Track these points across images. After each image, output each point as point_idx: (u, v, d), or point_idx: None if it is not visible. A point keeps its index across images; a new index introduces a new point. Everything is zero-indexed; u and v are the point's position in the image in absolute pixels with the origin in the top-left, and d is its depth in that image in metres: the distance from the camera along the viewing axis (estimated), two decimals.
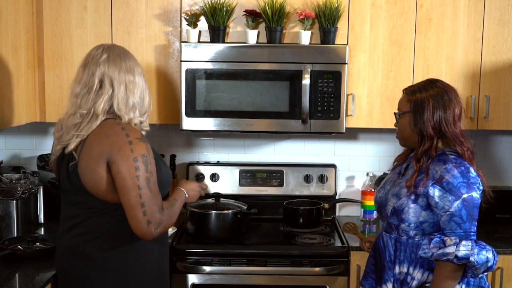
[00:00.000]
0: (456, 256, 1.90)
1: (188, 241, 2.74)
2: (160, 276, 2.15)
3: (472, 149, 2.04)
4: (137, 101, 2.03)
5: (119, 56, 2.03)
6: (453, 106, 2.02)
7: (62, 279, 2.11)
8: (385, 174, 3.20)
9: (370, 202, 3.09)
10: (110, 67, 2.00)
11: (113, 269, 2.00)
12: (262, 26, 2.83)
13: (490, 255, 1.92)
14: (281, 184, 3.20)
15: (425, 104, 2.02)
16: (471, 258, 1.89)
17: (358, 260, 2.65)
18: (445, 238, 1.94)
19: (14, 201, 2.60)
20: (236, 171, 3.20)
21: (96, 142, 1.93)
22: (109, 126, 1.95)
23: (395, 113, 2.16)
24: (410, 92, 2.09)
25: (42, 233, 2.80)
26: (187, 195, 2.19)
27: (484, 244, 1.95)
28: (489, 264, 1.93)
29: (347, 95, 2.85)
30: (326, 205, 3.05)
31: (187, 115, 2.80)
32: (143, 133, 2.06)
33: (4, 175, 2.78)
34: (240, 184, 3.19)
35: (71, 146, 1.97)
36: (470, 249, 1.90)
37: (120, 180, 1.89)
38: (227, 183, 3.19)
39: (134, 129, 1.98)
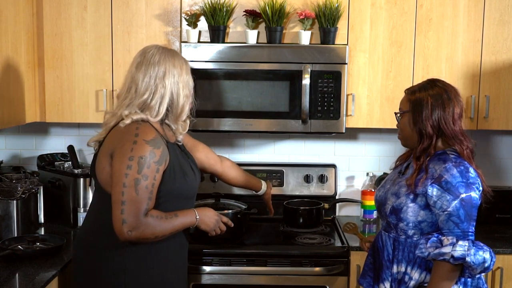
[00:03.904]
0: (452, 256, 1.89)
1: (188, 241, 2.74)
2: (175, 277, 2.15)
3: (472, 148, 2.04)
4: (162, 105, 2.05)
5: (150, 60, 2.05)
6: (452, 105, 2.02)
7: (75, 267, 2.15)
8: (385, 174, 3.20)
9: (370, 202, 3.09)
10: (137, 73, 2.05)
11: (108, 266, 2.02)
12: (262, 26, 2.83)
13: (487, 255, 1.92)
14: (281, 184, 3.20)
15: (423, 103, 2.02)
16: (468, 259, 1.89)
17: (358, 260, 2.65)
18: (442, 238, 1.94)
19: (14, 201, 2.61)
20: None
21: (111, 137, 2.03)
22: (128, 125, 1.99)
23: (395, 113, 2.16)
24: (410, 92, 2.10)
25: (42, 233, 2.80)
26: (198, 217, 2.13)
27: (482, 244, 1.95)
28: (486, 264, 1.92)
29: (347, 95, 2.85)
30: (326, 205, 3.05)
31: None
32: (180, 137, 2.15)
33: (4, 175, 2.78)
34: None
35: (93, 139, 2.12)
36: (466, 249, 1.89)
37: (112, 174, 1.96)
38: None
39: (150, 131, 1.99)
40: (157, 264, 2.06)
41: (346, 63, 2.79)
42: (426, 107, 2.02)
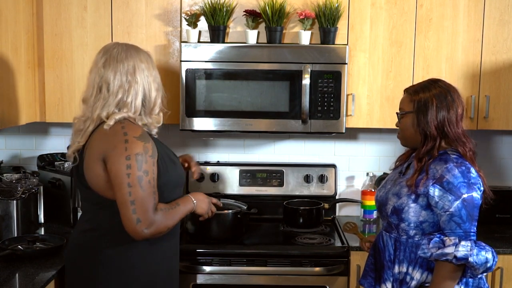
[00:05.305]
0: (455, 257, 1.90)
1: (188, 241, 2.74)
2: (168, 278, 2.15)
3: (473, 149, 2.04)
4: (136, 100, 2.03)
5: (116, 58, 2.03)
6: (456, 106, 2.02)
7: (70, 274, 2.13)
8: (385, 174, 3.21)
9: (370, 202, 3.09)
10: (106, 72, 2.02)
11: (116, 267, 2.01)
12: (262, 26, 2.83)
13: (489, 255, 1.92)
14: (281, 184, 3.20)
15: (428, 104, 2.01)
16: (470, 259, 1.89)
17: (358, 260, 2.65)
18: (445, 238, 1.94)
19: (14, 201, 2.60)
20: (236, 171, 3.20)
21: (97, 141, 1.99)
22: (112, 126, 1.97)
23: (397, 113, 2.15)
24: (413, 92, 2.08)
25: (42, 233, 2.80)
26: (194, 202, 2.15)
27: (484, 244, 1.95)
28: (488, 264, 1.92)
29: (347, 95, 2.85)
30: (326, 205, 3.05)
31: (187, 115, 2.80)
32: (155, 130, 2.13)
33: (4, 175, 2.78)
34: (240, 184, 3.19)
35: (72, 149, 2.05)
36: (469, 250, 1.89)
37: (112, 177, 1.93)
38: (227, 183, 3.19)
39: (136, 127, 1.99)
40: (155, 260, 2.07)
41: (346, 63, 2.79)
42: (431, 108, 2.00)
